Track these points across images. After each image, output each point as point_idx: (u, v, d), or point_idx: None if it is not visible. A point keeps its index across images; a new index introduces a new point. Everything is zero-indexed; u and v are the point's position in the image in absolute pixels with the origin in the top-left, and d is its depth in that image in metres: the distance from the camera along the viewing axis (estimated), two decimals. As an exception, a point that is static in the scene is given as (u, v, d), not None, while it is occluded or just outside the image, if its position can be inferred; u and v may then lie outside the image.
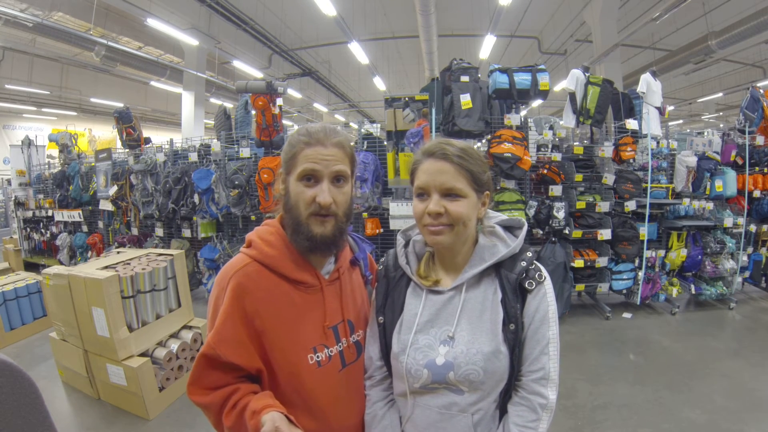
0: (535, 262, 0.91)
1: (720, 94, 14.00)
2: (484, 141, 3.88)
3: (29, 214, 6.27)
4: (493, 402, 0.89)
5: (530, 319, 0.87)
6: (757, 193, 4.20)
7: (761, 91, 4.39)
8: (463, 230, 0.89)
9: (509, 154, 3.41)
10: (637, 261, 3.93)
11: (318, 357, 0.93)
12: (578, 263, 3.79)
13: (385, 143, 3.66)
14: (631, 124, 3.94)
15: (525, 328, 0.88)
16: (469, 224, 0.90)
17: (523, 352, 0.88)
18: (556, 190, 3.74)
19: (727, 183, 4.02)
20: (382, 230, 3.68)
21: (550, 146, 3.81)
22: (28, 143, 6.41)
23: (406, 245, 1.03)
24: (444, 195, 0.87)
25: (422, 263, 0.98)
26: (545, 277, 0.90)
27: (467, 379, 0.85)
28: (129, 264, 2.78)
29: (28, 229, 6.36)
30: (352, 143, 0.98)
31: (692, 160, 3.88)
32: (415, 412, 0.91)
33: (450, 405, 0.88)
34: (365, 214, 3.65)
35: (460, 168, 0.87)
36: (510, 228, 0.98)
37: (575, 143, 4.13)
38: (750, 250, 4.29)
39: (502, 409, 0.91)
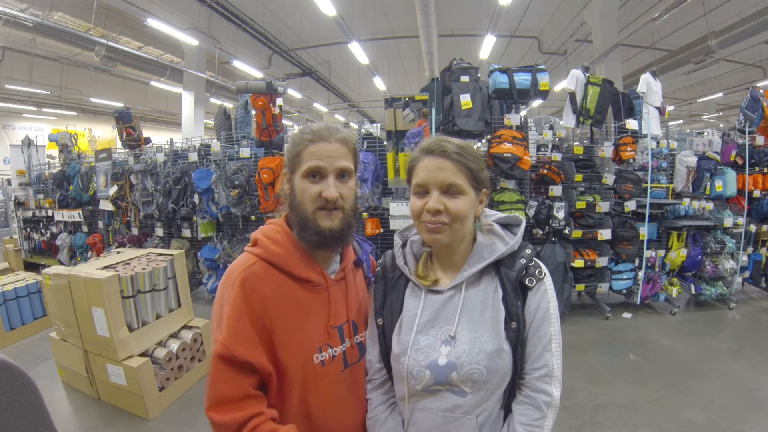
0: (534, 258, 0.91)
1: (720, 94, 13.99)
2: (484, 141, 3.88)
3: (29, 214, 6.27)
4: (497, 402, 0.88)
5: (532, 316, 0.87)
6: (757, 193, 4.20)
7: (761, 91, 4.39)
8: (461, 228, 0.89)
9: (509, 154, 3.41)
10: (637, 261, 3.93)
11: (322, 356, 0.92)
12: (578, 263, 3.79)
13: (385, 143, 3.66)
14: (631, 124, 3.94)
15: (527, 326, 0.87)
16: (466, 222, 0.89)
17: (526, 350, 0.87)
18: (556, 190, 3.74)
19: (727, 183, 4.02)
20: (382, 230, 3.68)
21: (550, 146, 3.80)
22: (28, 143, 6.41)
23: (404, 246, 1.02)
24: (443, 192, 0.87)
25: (420, 263, 0.97)
26: (545, 274, 0.90)
27: (470, 378, 0.85)
28: (129, 264, 2.78)
29: (28, 229, 6.36)
30: (354, 139, 0.99)
31: (692, 160, 3.88)
32: (418, 415, 0.90)
33: (453, 407, 0.86)
34: (365, 214, 3.65)
35: (460, 165, 0.87)
36: (508, 226, 0.97)
37: (575, 143, 4.12)
38: (750, 250, 4.29)
39: (507, 409, 0.90)
